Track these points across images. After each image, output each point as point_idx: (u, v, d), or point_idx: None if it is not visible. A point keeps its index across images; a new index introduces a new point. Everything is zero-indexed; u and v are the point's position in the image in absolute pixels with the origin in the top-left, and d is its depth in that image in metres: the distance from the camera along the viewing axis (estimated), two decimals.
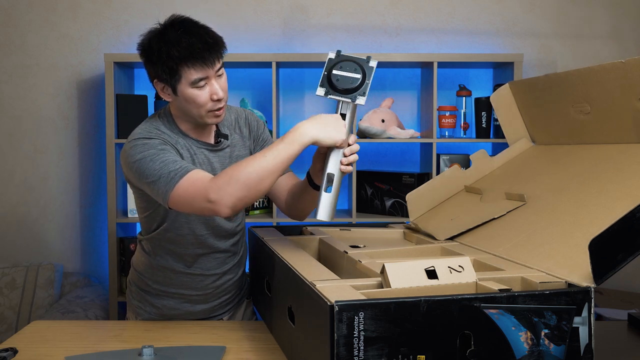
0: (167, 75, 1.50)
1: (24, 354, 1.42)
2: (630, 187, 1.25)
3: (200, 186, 1.39)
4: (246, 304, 1.85)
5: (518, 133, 1.85)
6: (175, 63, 1.48)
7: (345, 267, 1.44)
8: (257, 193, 1.38)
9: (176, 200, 1.43)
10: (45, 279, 2.84)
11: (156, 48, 1.50)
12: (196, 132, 1.63)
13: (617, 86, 1.41)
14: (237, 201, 1.36)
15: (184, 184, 1.41)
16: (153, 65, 1.52)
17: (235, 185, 1.35)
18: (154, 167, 1.45)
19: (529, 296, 1.01)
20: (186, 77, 1.49)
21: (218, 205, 1.36)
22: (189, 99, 1.52)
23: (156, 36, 1.51)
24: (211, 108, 1.54)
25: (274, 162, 1.37)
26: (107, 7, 3.09)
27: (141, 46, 1.54)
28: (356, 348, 0.96)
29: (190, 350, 1.42)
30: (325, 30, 3.12)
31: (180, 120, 1.61)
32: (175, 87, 1.52)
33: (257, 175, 1.36)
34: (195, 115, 1.55)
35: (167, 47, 1.48)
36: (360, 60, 1.45)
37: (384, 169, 3.11)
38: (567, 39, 3.17)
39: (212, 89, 1.52)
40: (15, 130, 3.10)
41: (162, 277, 1.69)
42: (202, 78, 1.50)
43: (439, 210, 1.77)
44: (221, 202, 1.36)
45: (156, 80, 1.55)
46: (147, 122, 1.61)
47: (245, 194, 1.36)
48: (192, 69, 1.48)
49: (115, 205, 2.80)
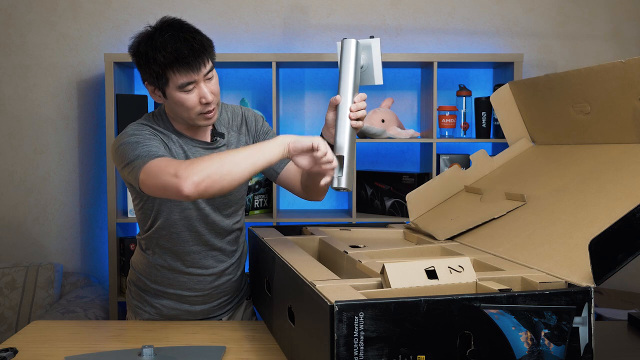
0: (155, 79, 1.51)
1: (24, 354, 1.42)
2: (630, 187, 1.25)
3: (170, 163, 1.40)
4: (246, 305, 1.85)
5: (518, 133, 1.85)
6: (162, 68, 1.48)
7: (345, 267, 1.44)
8: (222, 182, 1.36)
9: (146, 175, 1.42)
10: (45, 279, 2.84)
11: (143, 52, 1.50)
12: (191, 131, 1.64)
13: (617, 86, 1.41)
14: (201, 180, 1.34)
15: (157, 161, 1.42)
16: (142, 69, 1.53)
17: (206, 169, 1.34)
18: (135, 149, 1.47)
19: (529, 296, 1.01)
20: (173, 81, 1.50)
21: (183, 180, 1.34)
22: (178, 102, 1.53)
23: (145, 40, 1.51)
24: (201, 111, 1.54)
25: (247, 160, 1.37)
26: (107, 7, 3.09)
27: (131, 49, 1.55)
28: (356, 348, 0.96)
29: (190, 350, 1.42)
30: (325, 30, 3.12)
31: (174, 120, 1.63)
32: (164, 91, 1.53)
33: (229, 166, 1.35)
34: (185, 118, 1.57)
35: (153, 52, 1.48)
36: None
37: (384, 169, 3.11)
38: (567, 39, 3.17)
39: (201, 93, 1.52)
40: (15, 130, 3.10)
41: (160, 277, 1.69)
42: (189, 82, 1.50)
43: (439, 210, 1.77)
44: (187, 178, 1.34)
45: (146, 82, 1.56)
46: (139, 122, 1.62)
47: (213, 178, 1.35)
48: (177, 74, 1.48)
49: (115, 205, 2.80)
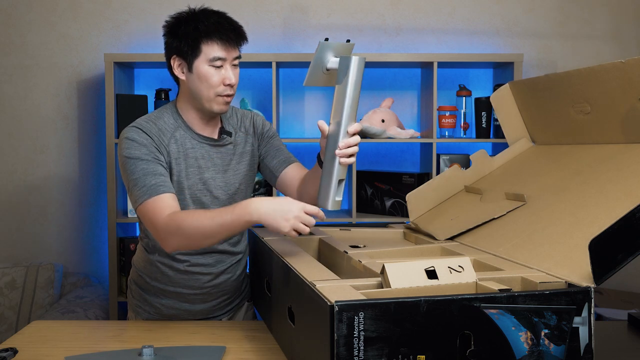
0: (189, 48, 1.56)
1: (24, 354, 1.42)
2: (630, 187, 1.25)
3: (155, 219, 1.49)
4: (247, 307, 1.85)
5: (518, 133, 1.85)
6: (200, 36, 1.55)
7: (345, 267, 1.44)
8: (199, 246, 1.52)
9: (139, 215, 1.55)
10: (45, 279, 2.84)
11: (184, 21, 1.58)
12: (200, 125, 1.65)
13: (617, 86, 1.41)
14: (180, 248, 1.51)
15: (147, 206, 1.51)
16: (177, 38, 1.58)
17: (181, 237, 1.46)
18: (135, 172, 1.54)
19: (529, 296, 1.01)
20: (206, 52, 1.56)
21: (163, 243, 1.50)
22: (203, 76, 1.57)
23: (186, 14, 1.60)
24: (221, 92, 1.59)
25: (219, 229, 1.43)
26: (107, 7, 3.09)
27: (167, 22, 1.61)
28: (356, 348, 0.96)
29: (190, 350, 1.42)
30: (325, 30, 3.12)
31: (186, 111, 1.65)
32: (192, 63, 1.57)
33: (202, 235, 1.45)
34: (204, 96, 1.59)
35: (195, 22, 1.56)
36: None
37: (384, 169, 3.11)
38: (567, 39, 3.17)
39: (226, 74, 1.58)
40: (15, 130, 3.10)
41: (160, 275, 1.69)
42: (220, 57, 1.56)
43: (439, 210, 1.77)
44: (166, 244, 1.49)
45: (175, 55, 1.60)
46: (150, 114, 1.66)
47: (188, 245, 1.50)
48: (214, 45, 1.56)
49: (115, 205, 2.80)
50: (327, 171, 1.43)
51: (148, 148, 1.56)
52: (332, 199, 1.43)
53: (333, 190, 1.42)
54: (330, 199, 1.43)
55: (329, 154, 1.43)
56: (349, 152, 1.41)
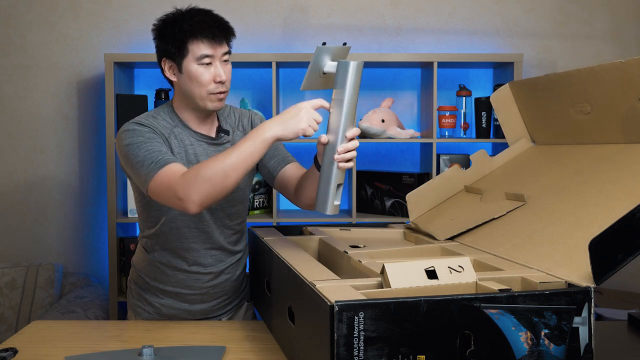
0: (176, 50, 1.56)
1: (24, 354, 1.42)
2: (630, 187, 1.25)
3: (171, 182, 1.43)
4: (246, 307, 1.85)
5: (518, 133, 1.85)
6: (185, 36, 1.55)
7: (345, 267, 1.44)
8: (222, 190, 1.41)
9: (153, 192, 1.49)
10: (45, 279, 2.84)
11: (170, 22, 1.59)
12: (197, 123, 1.65)
13: (617, 86, 1.41)
14: (204, 198, 1.40)
15: (160, 177, 1.46)
16: (164, 40, 1.59)
17: (202, 183, 1.39)
18: (139, 155, 1.50)
19: (529, 296, 1.01)
20: (193, 51, 1.55)
21: (186, 202, 1.41)
22: (193, 76, 1.57)
23: (172, 15, 1.61)
24: (213, 90, 1.58)
25: (238, 159, 1.39)
26: (107, 7, 3.09)
27: (155, 26, 1.62)
28: (356, 348, 0.96)
29: (190, 350, 1.42)
30: (325, 30, 3.12)
31: (182, 110, 1.65)
32: (181, 64, 1.57)
33: (223, 172, 1.39)
34: (196, 96, 1.59)
35: (180, 23, 1.57)
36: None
37: (384, 169, 3.11)
38: (567, 39, 3.17)
39: (216, 71, 1.57)
40: (15, 130, 3.10)
41: (160, 275, 1.69)
42: (207, 55, 1.55)
43: (439, 210, 1.77)
44: (188, 199, 1.40)
45: (164, 58, 1.61)
46: (146, 113, 1.66)
47: (211, 191, 1.40)
48: (200, 44, 1.55)
49: (115, 205, 2.80)
50: (326, 176, 1.42)
51: (149, 134, 1.55)
52: (331, 203, 1.42)
53: (331, 195, 1.42)
54: (328, 203, 1.42)
55: (327, 158, 1.41)
56: (347, 156, 1.39)
